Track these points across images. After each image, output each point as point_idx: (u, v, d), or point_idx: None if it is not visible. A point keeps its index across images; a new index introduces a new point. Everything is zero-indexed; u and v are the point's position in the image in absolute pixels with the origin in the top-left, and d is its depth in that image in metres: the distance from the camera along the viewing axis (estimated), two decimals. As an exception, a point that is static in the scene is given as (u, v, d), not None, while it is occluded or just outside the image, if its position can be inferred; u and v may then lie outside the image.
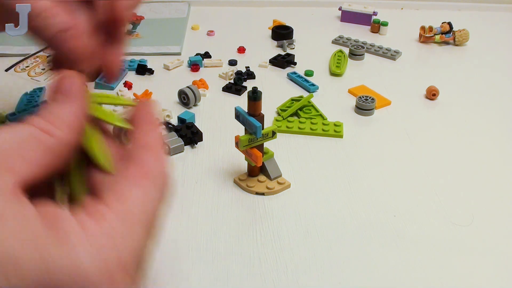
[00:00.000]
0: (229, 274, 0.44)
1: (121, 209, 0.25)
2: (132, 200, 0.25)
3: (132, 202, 0.25)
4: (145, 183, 0.26)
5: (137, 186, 0.26)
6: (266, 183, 0.53)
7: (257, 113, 0.50)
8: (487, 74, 0.81)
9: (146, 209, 0.26)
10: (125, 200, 0.25)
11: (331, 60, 0.82)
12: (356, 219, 0.50)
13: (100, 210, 0.24)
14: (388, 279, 0.44)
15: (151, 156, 0.28)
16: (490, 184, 0.56)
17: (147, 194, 0.26)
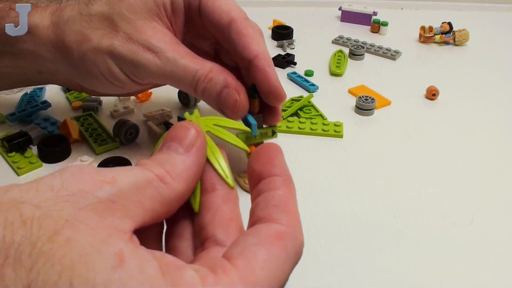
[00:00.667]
0: (229, 274, 0.44)
1: (248, 272, 0.23)
2: (260, 262, 0.23)
3: (259, 264, 0.23)
4: (277, 246, 0.25)
5: (267, 248, 0.24)
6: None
7: (255, 111, 0.50)
8: (487, 74, 0.81)
9: (273, 277, 0.24)
10: (253, 262, 0.23)
11: (331, 60, 0.82)
12: (356, 219, 0.50)
13: (225, 267, 0.23)
14: (388, 279, 0.44)
15: (286, 217, 0.26)
16: (490, 184, 0.56)
17: (277, 259, 0.24)
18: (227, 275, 0.22)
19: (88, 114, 0.64)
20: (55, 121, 0.63)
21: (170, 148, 0.27)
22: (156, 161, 0.26)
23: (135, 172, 0.25)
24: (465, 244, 0.48)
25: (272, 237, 0.25)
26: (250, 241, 0.24)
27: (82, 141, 0.60)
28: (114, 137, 0.60)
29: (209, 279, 0.22)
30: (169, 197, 0.25)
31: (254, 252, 0.24)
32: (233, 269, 0.23)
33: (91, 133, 0.60)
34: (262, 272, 0.23)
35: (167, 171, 0.26)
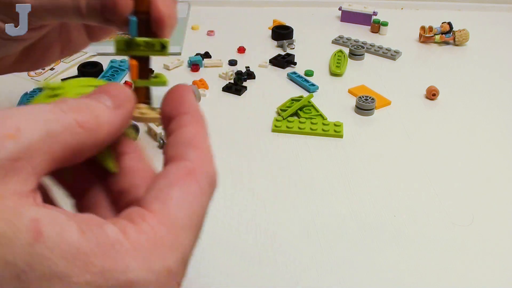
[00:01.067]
0: (229, 274, 0.44)
1: (165, 213, 0.23)
2: (176, 203, 0.23)
3: (176, 205, 0.23)
4: (189, 184, 0.24)
5: (179, 187, 0.24)
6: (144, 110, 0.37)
7: (141, 9, 0.37)
8: (487, 74, 0.81)
9: (192, 213, 0.24)
10: (169, 203, 0.23)
11: (331, 60, 0.82)
12: (356, 219, 0.50)
13: (142, 215, 0.22)
14: (388, 279, 0.44)
15: (194, 153, 0.25)
16: (490, 184, 0.56)
17: (191, 195, 0.24)
18: (146, 221, 0.22)
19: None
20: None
21: (99, 99, 0.26)
22: (82, 104, 0.24)
23: (48, 117, 0.22)
24: (465, 244, 0.48)
25: (182, 175, 0.24)
26: (162, 184, 0.24)
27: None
28: (114, 137, 0.60)
29: (130, 230, 0.22)
30: (86, 145, 0.24)
31: (168, 193, 0.23)
32: (150, 215, 0.22)
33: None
34: (180, 211, 0.23)
35: (91, 118, 0.24)
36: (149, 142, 0.61)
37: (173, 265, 0.22)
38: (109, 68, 0.76)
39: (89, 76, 0.74)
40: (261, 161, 0.58)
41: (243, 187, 0.54)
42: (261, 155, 0.59)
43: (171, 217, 0.23)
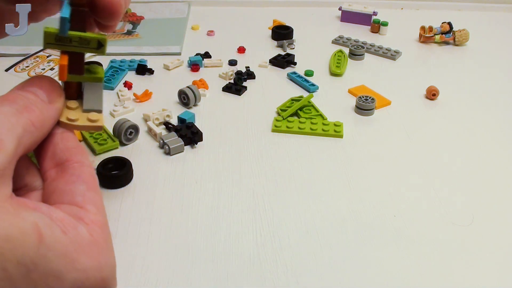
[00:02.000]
0: (229, 274, 0.44)
1: (101, 217, 0.27)
2: (99, 203, 0.28)
3: (101, 208, 0.28)
4: (96, 185, 0.29)
5: (94, 190, 0.28)
6: (74, 112, 0.34)
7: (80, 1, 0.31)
8: (487, 74, 0.81)
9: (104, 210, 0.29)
10: (99, 207, 0.28)
11: (331, 60, 0.82)
12: (356, 219, 0.50)
13: (90, 218, 0.27)
14: (388, 279, 0.44)
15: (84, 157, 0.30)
16: (490, 184, 0.56)
17: (100, 194, 0.29)
18: (96, 225, 0.27)
19: (88, 114, 0.64)
20: (55, 121, 0.63)
21: (37, 94, 0.29)
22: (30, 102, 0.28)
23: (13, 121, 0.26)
24: (465, 244, 0.48)
25: (90, 178, 0.29)
26: (82, 188, 0.28)
27: (82, 141, 0.60)
28: (114, 137, 0.60)
29: (93, 232, 0.26)
30: (36, 141, 0.28)
31: (93, 198, 0.28)
32: (94, 217, 0.27)
33: (91, 133, 0.60)
34: (103, 212, 0.28)
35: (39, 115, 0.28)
36: (149, 142, 0.61)
37: (111, 260, 0.27)
38: (109, 68, 0.76)
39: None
40: (261, 161, 0.58)
41: (243, 187, 0.54)
42: (261, 155, 0.59)
43: (105, 219, 0.28)
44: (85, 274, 0.25)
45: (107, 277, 0.26)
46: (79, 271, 0.24)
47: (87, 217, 0.27)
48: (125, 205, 0.51)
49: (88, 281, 0.25)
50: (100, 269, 0.25)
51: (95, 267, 0.25)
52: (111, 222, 0.49)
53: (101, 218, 0.27)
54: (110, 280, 0.27)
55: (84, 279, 0.25)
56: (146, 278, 0.43)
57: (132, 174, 0.55)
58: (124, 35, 0.89)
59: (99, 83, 0.34)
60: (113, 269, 0.27)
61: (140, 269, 0.44)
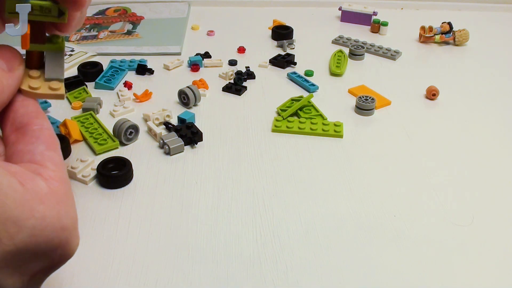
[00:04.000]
0: (229, 274, 0.44)
1: (60, 172, 0.29)
2: (60, 164, 0.29)
3: (61, 165, 0.29)
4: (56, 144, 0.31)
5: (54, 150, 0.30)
6: (36, 80, 0.35)
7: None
8: (487, 74, 0.81)
9: (65, 168, 0.31)
10: (58, 164, 0.29)
11: (331, 60, 0.82)
12: (356, 219, 0.50)
13: (49, 173, 0.28)
14: (388, 279, 0.44)
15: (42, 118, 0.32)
16: (490, 184, 0.56)
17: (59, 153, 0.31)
18: (54, 179, 0.28)
19: (88, 114, 0.64)
20: (55, 121, 0.63)
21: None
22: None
23: None
24: (465, 244, 0.48)
25: (50, 139, 0.30)
26: (41, 148, 0.29)
27: (82, 141, 0.60)
28: (114, 137, 0.60)
29: (51, 185, 0.28)
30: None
31: (51, 156, 0.29)
32: (53, 173, 0.29)
33: (91, 133, 0.60)
34: (63, 168, 0.30)
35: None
36: (149, 142, 0.61)
37: (76, 214, 0.29)
38: (109, 68, 0.76)
39: (89, 77, 0.74)
40: (261, 161, 0.58)
41: (243, 187, 0.54)
42: (261, 155, 0.59)
43: (64, 176, 0.29)
44: (43, 222, 0.26)
45: (67, 227, 0.27)
46: (37, 218, 0.26)
47: (46, 173, 0.28)
48: (125, 205, 0.51)
49: (47, 228, 0.26)
50: (59, 218, 0.27)
51: (54, 215, 0.27)
52: (111, 222, 0.49)
53: (59, 173, 0.29)
54: (70, 230, 0.28)
55: (43, 226, 0.26)
56: (146, 278, 0.43)
57: (132, 174, 0.55)
58: (124, 35, 0.89)
59: (61, 52, 0.36)
60: (73, 220, 0.28)
61: (140, 269, 0.44)
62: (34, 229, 0.26)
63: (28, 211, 0.25)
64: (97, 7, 1.00)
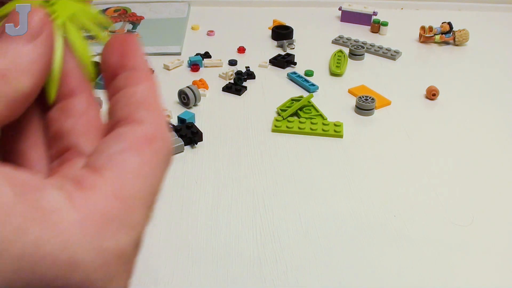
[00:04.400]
0: (229, 274, 0.44)
1: (120, 184, 0.19)
2: (132, 174, 0.20)
3: (132, 176, 0.20)
4: (147, 151, 0.20)
5: (137, 155, 0.20)
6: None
7: None
8: (487, 74, 0.81)
9: (148, 186, 0.20)
10: (124, 173, 0.19)
11: (331, 60, 0.82)
12: (356, 219, 0.50)
13: (93, 181, 0.19)
14: (388, 279, 0.44)
15: (149, 116, 0.22)
16: (490, 184, 0.56)
17: (148, 165, 0.20)
18: (96, 190, 0.18)
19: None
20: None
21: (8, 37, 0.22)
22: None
23: None
24: (465, 244, 0.48)
25: (140, 141, 0.21)
26: (116, 148, 0.20)
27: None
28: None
29: (77, 197, 0.18)
30: (14, 96, 0.21)
31: (123, 160, 0.20)
32: (102, 182, 0.19)
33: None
34: (136, 182, 0.20)
35: (8, 65, 0.21)
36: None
37: (127, 246, 0.19)
38: (109, 68, 0.76)
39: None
40: (261, 161, 0.58)
41: (243, 187, 0.54)
42: (261, 155, 0.59)
43: (126, 190, 0.19)
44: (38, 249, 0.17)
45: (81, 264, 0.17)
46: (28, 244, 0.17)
47: (91, 182, 0.19)
48: (125, 205, 0.51)
49: (44, 261, 0.17)
50: (66, 249, 0.17)
51: (57, 243, 0.17)
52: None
53: (118, 185, 0.19)
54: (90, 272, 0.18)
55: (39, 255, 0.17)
56: (146, 278, 0.43)
57: (132, 174, 0.55)
58: (124, 35, 0.89)
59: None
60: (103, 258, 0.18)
61: (140, 269, 0.44)
62: (23, 259, 0.17)
63: (14, 230, 0.17)
64: (97, 7, 1.00)
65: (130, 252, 0.19)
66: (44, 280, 0.17)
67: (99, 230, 0.18)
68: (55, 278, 0.17)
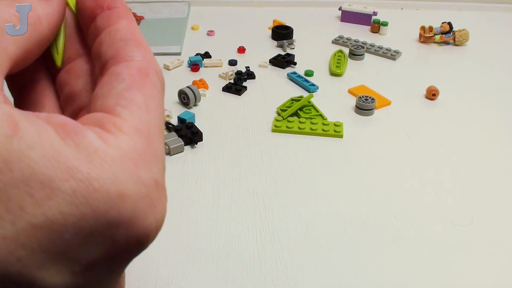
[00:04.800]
0: (229, 274, 0.44)
1: (138, 121, 0.21)
2: (144, 109, 0.21)
3: (144, 111, 0.21)
4: (147, 85, 0.22)
5: (140, 90, 0.22)
6: None
7: None
8: (487, 74, 0.81)
9: (158, 116, 0.22)
10: (136, 109, 0.21)
11: (331, 60, 0.82)
12: (356, 219, 0.50)
13: (114, 123, 0.20)
14: (388, 279, 0.44)
15: (139, 51, 0.23)
16: (490, 184, 0.56)
17: (151, 96, 0.22)
18: (121, 130, 0.20)
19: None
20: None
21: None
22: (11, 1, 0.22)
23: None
24: (465, 244, 0.48)
25: (137, 76, 0.22)
26: (120, 87, 0.21)
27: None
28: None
29: (108, 138, 0.19)
30: (33, 40, 0.22)
31: (131, 98, 0.21)
32: (124, 122, 0.20)
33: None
34: (149, 115, 0.21)
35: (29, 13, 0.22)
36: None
37: (159, 176, 0.20)
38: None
39: None
40: (261, 161, 0.58)
41: (243, 187, 0.54)
42: (261, 155, 0.59)
43: (144, 124, 0.21)
44: (89, 186, 0.18)
45: (130, 195, 0.19)
46: (79, 181, 0.18)
47: (113, 122, 0.20)
48: (125, 205, 0.51)
49: (95, 196, 0.18)
50: (116, 182, 0.19)
51: (106, 178, 0.18)
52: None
53: (135, 122, 0.20)
54: (138, 201, 0.19)
55: (89, 192, 0.18)
56: (146, 278, 0.43)
57: (132, 174, 0.55)
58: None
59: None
60: (147, 187, 0.20)
61: (140, 269, 0.44)
62: (75, 195, 0.18)
63: (66, 170, 0.17)
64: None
65: (162, 180, 0.21)
66: (98, 212, 0.18)
67: (136, 164, 0.19)
68: (108, 209, 0.18)
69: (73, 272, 0.19)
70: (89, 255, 0.19)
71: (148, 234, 0.20)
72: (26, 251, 0.17)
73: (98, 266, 0.19)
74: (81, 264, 0.19)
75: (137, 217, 0.19)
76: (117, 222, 0.19)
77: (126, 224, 0.19)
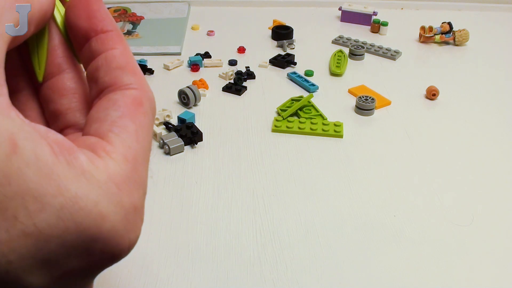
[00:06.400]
0: (229, 274, 0.44)
1: (126, 148, 0.22)
2: (134, 137, 0.23)
3: (134, 139, 0.23)
4: (139, 114, 0.23)
5: (132, 119, 0.23)
6: None
7: None
8: (487, 74, 0.81)
9: (145, 145, 0.23)
10: (127, 137, 0.22)
11: (331, 60, 0.82)
12: (356, 219, 0.50)
13: (105, 148, 0.22)
14: (388, 279, 0.44)
15: (133, 79, 0.24)
16: (490, 184, 0.56)
17: (142, 126, 0.23)
18: (110, 156, 0.21)
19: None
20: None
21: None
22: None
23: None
24: (465, 244, 0.48)
25: (132, 105, 0.23)
26: (115, 115, 0.23)
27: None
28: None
29: (97, 162, 0.21)
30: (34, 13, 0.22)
31: (124, 127, 0.23)
32: (113, 149, 0.22)
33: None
34: (137, 144, 0.23)
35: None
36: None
37: (138, 201, 0.22)
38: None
39: None
40: (261, 161, 0.58)
41: (243, 187, 0.54)
42: (261, 155, 0.59)
43: (132, 152, 0.22)
44: (75, 204, 0.20)
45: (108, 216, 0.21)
46: (67, 198, 0.20)
47: (103, 148, 0.22)
48: (125, 205, 0.51)
49: (80, 213, 0.20)
50: (98, 203, 0.20)
51: (90, 199, 0.20)
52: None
53: (123, 149, 0.22)
54: (115, 223, 0.21)
55: (74, 209, 0.20)
56: (146, 278, 0.43)
57: (132, 174, 0.55)
58: (124, 35, 0.89)
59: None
60: (125, 210, 0.22)
61: (140, 269, 0.44)
62: (62, 211, 0.20)
63: (56, 187, 0.19)
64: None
65: (141, 204, 0.23)
66: (80, 228, 0.20)
67: (119, 189, 0.21)
68: (89, 226, 0.20)
69: (53, 277, 0.21)
70: (69, 264, 0.21)
71: (121, 251, 0.23)
72: (16, 255, 0.19)
73: (75, 273, 0.21)
74: (61, 270, 0.21)
75: (113, 236, 0.21)
76: (96, 238, 0.21)
77: (104, 241, 0.21)
